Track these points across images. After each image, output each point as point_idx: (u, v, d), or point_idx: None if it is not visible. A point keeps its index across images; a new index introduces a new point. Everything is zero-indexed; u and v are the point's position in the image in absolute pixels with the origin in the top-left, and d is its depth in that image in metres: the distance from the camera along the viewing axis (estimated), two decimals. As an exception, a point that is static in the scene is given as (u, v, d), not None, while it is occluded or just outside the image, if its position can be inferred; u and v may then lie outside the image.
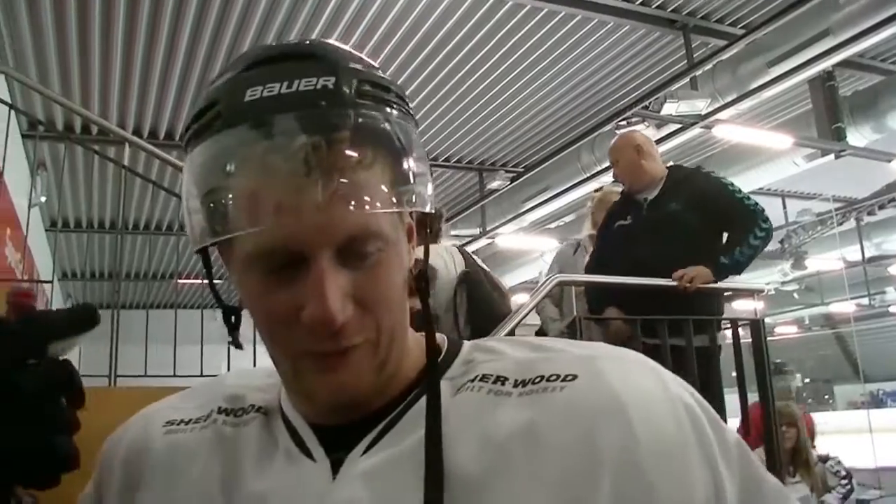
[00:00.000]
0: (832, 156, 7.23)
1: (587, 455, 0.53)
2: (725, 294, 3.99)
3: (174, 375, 3.52)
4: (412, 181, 0.55)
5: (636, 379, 0.57)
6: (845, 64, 6.57)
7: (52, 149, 7.64)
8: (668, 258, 3.07)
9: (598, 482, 0.52)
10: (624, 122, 6.85)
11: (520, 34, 6.27)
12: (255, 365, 3.96)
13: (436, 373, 0.61)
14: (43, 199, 7.72)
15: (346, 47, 0.59)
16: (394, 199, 0.54)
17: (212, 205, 0.54)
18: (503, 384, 0.58)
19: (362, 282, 0.55)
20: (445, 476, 0.53)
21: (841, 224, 11.38)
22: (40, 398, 0.46)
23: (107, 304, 10.84)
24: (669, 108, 6.42)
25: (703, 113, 6.59)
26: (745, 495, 0.56)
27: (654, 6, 6.06)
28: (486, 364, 0.61)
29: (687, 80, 6.42)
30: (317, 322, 0.53)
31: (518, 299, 3.21)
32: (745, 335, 3.45)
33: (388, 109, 0.55)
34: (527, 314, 3.08)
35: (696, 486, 0.53)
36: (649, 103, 6.62)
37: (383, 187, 0.53)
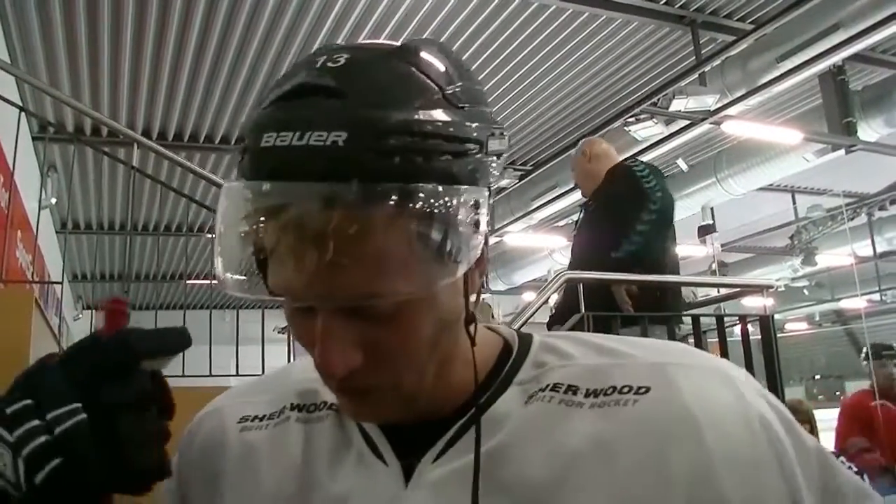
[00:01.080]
0: (843, 151, 7.18)
1: (659, 472, 0.52)
2: (734, 291, 3.98)
3: (183, 375, 3.53)
4: (444, 237, 0.50)
5: (710, 391, 0.56)
6: (856, 58, 6.53)
7: (63, 150, 7.67)
8: (577, 259, 3.17)
9: (671, 499, 0.51)
10: (633, 119, 6.84)
11: (528, 31, 6.26)
12: (263, 365, 3.98)
13: (480, 404, 0.58)
14: (53, 200, 7.77)
15: (381, 84, 0.52)
16: (412, 279, 0.50)
17: (238, 242, 0.54)
18: (574, 394, 0.58)
19: (375, 333, 0.52)
20: (513, 486, 0.53)
21: (852, 219, 11.31)
22: (133, 411, 0.48)
23: (117, 305, 10.87)
24: (678, 105, 6.39)
25: (712, 109, 6.55)
26: (827, 498, 0.56)
27: (661, 2, 6.03)
28: (556, 371, 0.60)
29: (696, 76, 6.39)
30: (320, 368, 0.54)
31: (526, 297, 3.21)
32: (754, 332, 3.44)
33: (417, 159, 0.49)
34: (535, 312, 3.08)
35: (772, 501, 0.52)
36: (658, 100, 6.59)
37: (397, 261, 0.49)
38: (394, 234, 0.49)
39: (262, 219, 0.50)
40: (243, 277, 0.54)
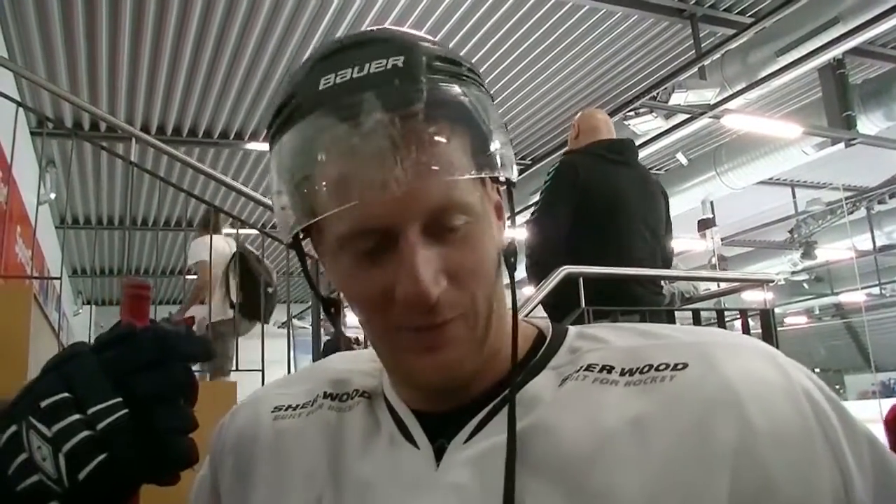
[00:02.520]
0: (842, 144, 7.19)
1: (700, 446, 0.50)
2: (734, 285, 3.97)
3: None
4: (491, 149, 0.55)
5: (751, 366, 0.54)
6: (855, 52, 6.53)
7: (61, 146, 7.67)
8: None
9: (713, 474, 0.49)
10: (632, 113, 6.83)
11: (527, 25, 6.25)
12: (262, 356, 3.98)
13: (516, 360, 0.60)
14: (52, 195, 7.77)
15: (413, 31, 0.60)
16: (474, 168, 0.54)
17: (300, 192, 0.55)
18: (609, 372, 0.57)
19: (453, 255, 0.55)
20: (547, 464, 0.54)
21: (851, 213, 11.33)
22: (164, 402, 0.49)
23: (116, 301, 10.89)
24: (678, 98, 6.39)
25: (712, 102, 6.55)
26: (882, 490, 0.52)
27: (661, -4, 6.03)
28: (591, 353, 0.60)
29: (695, 69, 6.39)
30: (411, 298, 0.53)
31: (526, 291, 3.20)
32: (754, 325, 3.44)
33: (461, 82, 0.56)
34: (534, 307, 3.07)
35: (821, 479, 0.49)
36: (658, 93, 6.59)
37: (463, 157, 0.54)
38: (457, 137, 0.54)
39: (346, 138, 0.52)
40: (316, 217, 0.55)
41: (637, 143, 7.43)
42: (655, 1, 6.06)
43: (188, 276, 10.27)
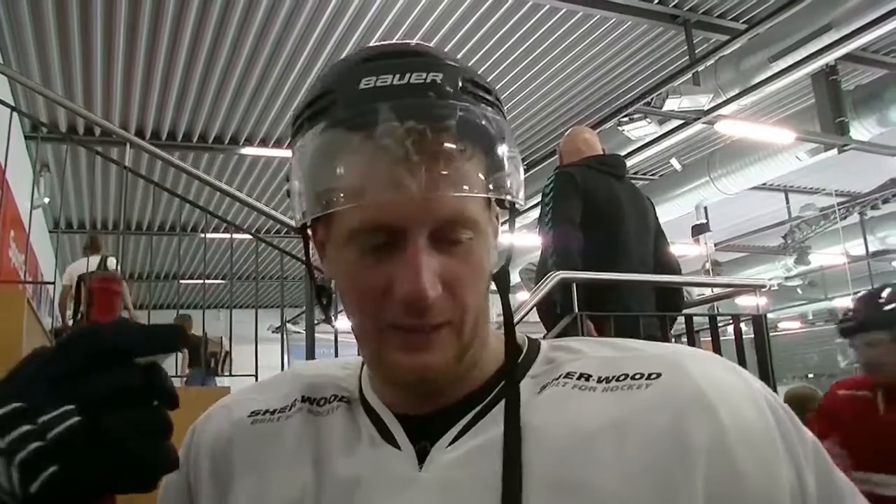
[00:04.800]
0: (835, 150, 7.21)
1: (677, 443, 0.54)
2: (728, 290, 3.98)
3: (176, 376, 3.52)
4: (505, 173, 0.59)
5: (719, 374, 0.59)
6: (848, 58, 6.56)
7: (55, 150, 7.66)
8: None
9: (691, 469, 0.53)
10: (626, 118, 6.85)
11: (521, 31, 6.27)
12: (256, 364, 3.97)
13: (515, 367, 0.64)
14: (46, 200, 7.75)
15: (448, 53, 0.63)
16: (488, 189, 0.57)
17: (322, 183, 0.57)
18: (587, 380, 0.61)
19: (452, 266, 0.58)
20: (529, 463, 0.56)
21: (844, 219, 11.37)
22: (114, 405, 0.46)
23: (111, 305, 10.84)
24: (672, 104, 6.41)
25: (706, 108, 6.57)
26: (823, 491, 0.57)
27: (655, 2, 6.05)
28: (569, 363, 0.63)
29: (689, 75, 6.41)
30: (408, 297, 0.56)
31: (520, 297, 3.21)
32: (747, 331, 3.45)
33: (487, 107, 0.59)
34: (528, 312, 3.07)
35: (782, 477, 0.55)
36: (651, 99, 6.61)
37: (478, 176, 0.57)
38: (478, 157, 0.57)
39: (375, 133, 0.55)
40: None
41: (631, 148, 7.48)
42: (649, 7, 6.09)
43: (182, 281, 10.25)
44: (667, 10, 6.15)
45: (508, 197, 0.60)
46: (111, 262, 5.60)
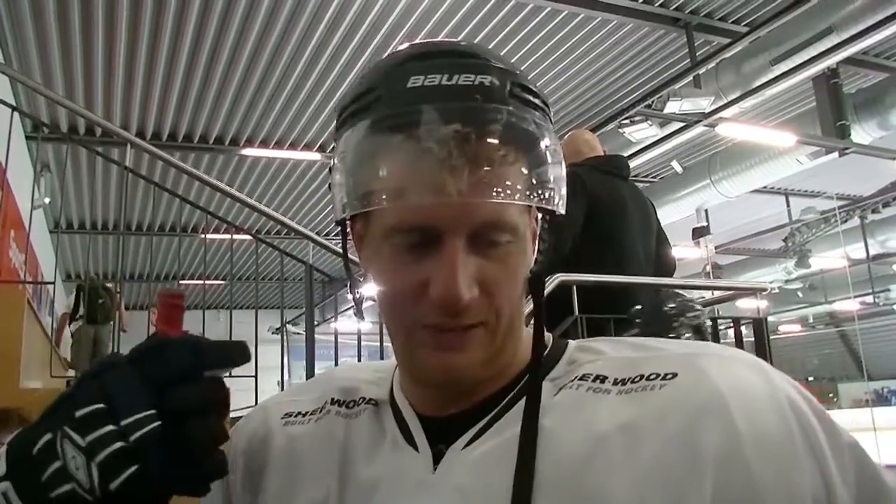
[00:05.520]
0: (836, 153, 7.21)
1: (688, 449, 0.52)
2: (728, 293, 3.98)
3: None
4: (549, 182, 0.58)
5: (739, 375, 0.56)
6: (849, 61, 6.57)
7: (56, 150, 7.66)
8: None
9: (700, 476, 0.51)
10: (627, 121, 6.84)
11: (523, 33, 6.27)
12: (255, 366, 3.96)
13: (538, 370, 0.63)
14: (46, 200, 7.75)
15: (498, 53, 0.63)
16: (531, 195, 0.57)
17: (363, 180, 0.57)
18: (602, 382, 0.59)
19: (489, 269, 0.58)
20: (540, 467, 0.55)
21: (845, 222, 11.36)
22: (197, 415, 0.48)
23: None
24: (673, 107, 6.41)
25: (707, 111, 6.57)
26: (863, 496, 0.53)
27: (656, 4, 6.06)
28: (587, 364, 0.62)
29: (690, 78, 6.41)
30: (443, 298, 0.56)
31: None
32: (747, 334, 3.44)
33: (535, 112, 0.59)
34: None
35: (803, 482, 0.51)
36: (652, 102, 6.61)
37: (520, 181, 0.56)
38: (522, 163, 0.56)
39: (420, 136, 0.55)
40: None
41: (632, 151, 7.47)
42: (651, 10, 6.09)
43: (182, 282, 10.24)
44: (668, 12, 6.15)
45: (549, 205, 0.59)
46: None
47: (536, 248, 0.65)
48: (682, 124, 6.96)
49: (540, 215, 0.65)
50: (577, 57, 6.76)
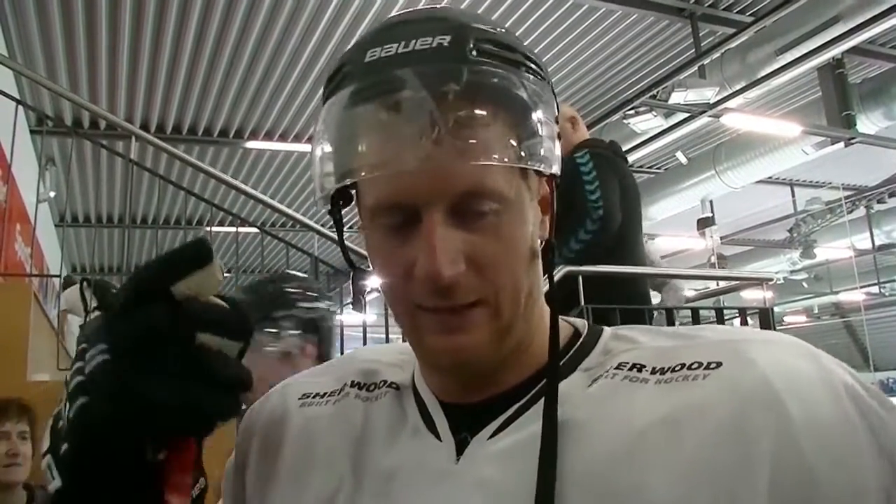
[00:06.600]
0: (842, 144, 7.19)
1: (738, 444, 0.49)
2: (734, 284, 3.98)
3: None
4: (531, 140, 0.54)
5: (788, 361, 0.52)
6: (855, 51, 6.53)
7: (61, 144, 7.66)
8: None
9: (753, 472, 0.48)
10: (632, 112, 6.83)
11: (526, 24, 6.25)
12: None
13: (557, 357, 0.59)
14: (52, 193, 7.77)
15: (475, 13, 0.60)
16: (509, 156, 0.53)
17: (334, 160, 0.56)
18: (640, 371, 0.56)
19: (477, 242, 0.54)
20: (573, 463, 0.52)
21: (850, 212, 11.32)
22: (160, 340, 0.45)
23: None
24: (678, 97, 6.39)
25: (712, 102, 6.56)
26: None
27: (661, -6, 6.03)
28: (623, 353, 0.59)
29: (695, 68, 6.39)
30: (426, 277, 0.53)
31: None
32: (753, 324, 3.44)
33: (511, 67, 0.55)
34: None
35: (867, 472, 0.47)
36: (657, 92, 6.59)
37: (497, 143, 0.52)
38: (495, 123, 0.53)
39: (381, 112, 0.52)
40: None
41: (636, 141, 7.46)
42: (655, 0, 6.06)
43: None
44: (673, 2, 6.12)
45: (534, 166, 0.55)
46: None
47: (552, 215, 0.62)
48: (686, 115, 6.94)
49: (548, 180, 0.61)
50: (581, 48, 6.74)
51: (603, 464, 0.51)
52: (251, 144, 8.17)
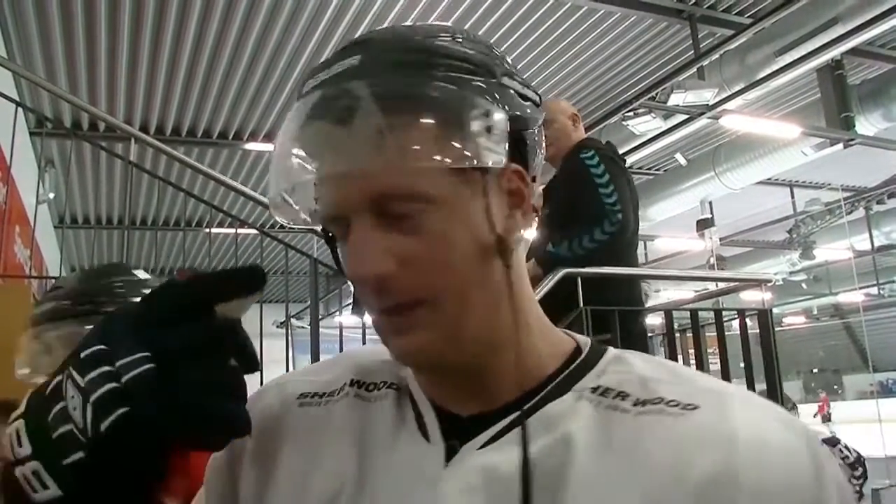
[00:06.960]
0: (841, 145, 7.20)
1: (679, 478, 0.50)
2: (733, 285, 3.98)
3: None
4: (453, 137, 0.54)
5: (765, 424, 0.53)
6: (854, 52, 6.53)
7: (60, 146, 7.66)
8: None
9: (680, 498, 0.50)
10: (631, 113, 6.83)
11: (525, 26, 6.25)
12: (261, 355, 3.97)
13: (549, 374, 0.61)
14: (51, 195, 7.76)
15: (413, 25, 0.62)
16: (428, 158, 0.54)
17: (279, 174, 0.59)
18: (623, 399, 0.57)
19: (403, 242, 0.55)
20: (558, 486, 0.54)
21: (850, 213, 11.34)
22: (201, 358, 0.47)
23: (116, 300, 10.89)
24: (677, 99, 6.39)
25: (711, 103, 6.56)
26: None
27: (660, -4, 6.03)
28: (612, 376, 0.60)
29: (694, 70, 6.39)
30: (353, 277, 0.56)
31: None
32: (752, 325, 3.44)
33: (424, 74, 0.56)
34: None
35: None
36: (656, 94, 6.59)
37: (415, 148, 0.53)
38: (413, 128, 0.54)
39: (305, 137, 0.56)
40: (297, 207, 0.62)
41: (636, 143, 7.47)
42: (654, 1, 6.06)
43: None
44: (672, 4, 6.12)
45: (454, 164, 0.54)
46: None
47: (526, 210, 0.60)
48: (686, 116, 6.94)
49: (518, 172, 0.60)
50: (580, 49, 6.74)
51: (576, 486, 0.53)
52: (250, 146, 8.17)
